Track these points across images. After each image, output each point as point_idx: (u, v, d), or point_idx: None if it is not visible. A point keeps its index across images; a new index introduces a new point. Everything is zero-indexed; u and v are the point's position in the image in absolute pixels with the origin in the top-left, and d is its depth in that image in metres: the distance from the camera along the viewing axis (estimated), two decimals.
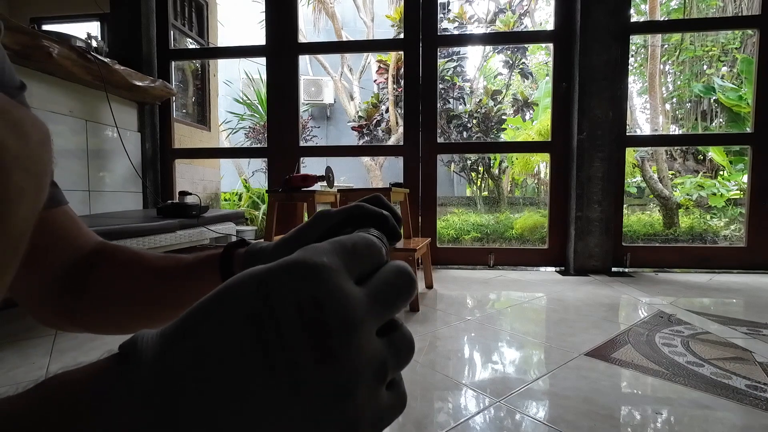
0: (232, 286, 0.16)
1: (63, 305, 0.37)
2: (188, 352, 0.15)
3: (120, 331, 0.40)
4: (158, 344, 0.16)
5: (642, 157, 4.38)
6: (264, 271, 0.16)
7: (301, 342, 0.15)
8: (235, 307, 0.15)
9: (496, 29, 6.38)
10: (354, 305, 0.16)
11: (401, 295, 0.18)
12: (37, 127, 0.24)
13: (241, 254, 0.35)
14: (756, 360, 1.15)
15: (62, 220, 0.37)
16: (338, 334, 0.15)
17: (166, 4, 2.82)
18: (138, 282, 0.37)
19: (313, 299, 0.15)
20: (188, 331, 0.16)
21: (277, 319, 0.15)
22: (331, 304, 0.15)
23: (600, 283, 2.18)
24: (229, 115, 6.63)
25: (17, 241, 0.23)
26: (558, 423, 0.83)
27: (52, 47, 1.76)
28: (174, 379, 0.15)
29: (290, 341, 0.15)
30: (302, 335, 0.15)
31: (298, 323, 0.15)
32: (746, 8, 5.78)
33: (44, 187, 0.25)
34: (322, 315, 0.15)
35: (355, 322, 0.16)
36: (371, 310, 0.17)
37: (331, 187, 2.14)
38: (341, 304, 0.16)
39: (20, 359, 1.16)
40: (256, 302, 0.15)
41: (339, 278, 0.16)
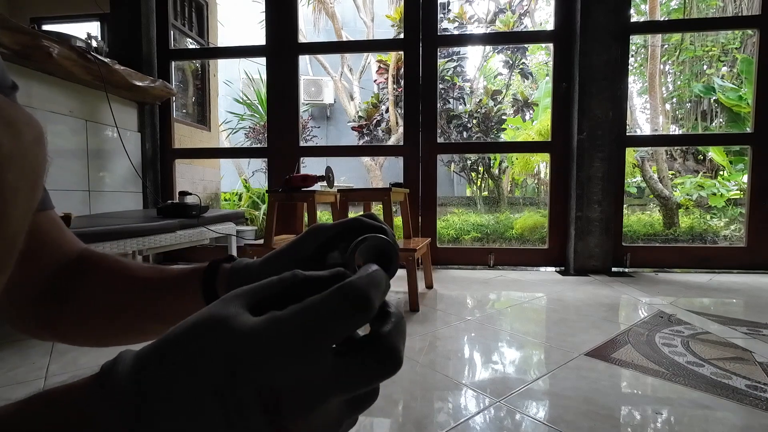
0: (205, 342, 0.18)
1: (44, 314, 0.36)
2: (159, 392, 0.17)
3: (101, 342, 0.39)
4: (133, 372, 0.18)
5: (642, 157, 4.38)
6: (236, 339, 0.17)
7: (257, 420, 0.17)
8: (204, 376, 0.17)
9: (496, 29, 6.38)
10: (311, 396, 0.17)
11: (372, 381, 0.18)
12: (31, 125, 0.24)
13: (226, 271, 0.33)
14: (756, 360, 1.15)
15: (46, 225, 0.36)
16: (290, 418, 0.17)
17: (166, 4, 2.82)
18: (121, 293, 0.36)
19: (270, 389, 0.17)
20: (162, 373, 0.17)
21: (239, 398, 0.17)
22: (288, 393, 0.17)
23: (600, 283, 2.18)
24: (229, 115, 6.63)
25: (12, 241, 0.23)
26: (558, 423, 0.83)
27: (52, 47, 1.76)
28: (142, 411, 0.17)
29: (248, 418, 0.17)
30: (259, 416, 0.17)
31: (257, 405, 0.17)
32: (746, 8, 5.78)
33: (38, 186, 0.25)
34: (276, 403, 0.17)
35: (310, 408, 0.17)
36: (333, 391, 0.17)
37: (331, 187, 2.14)
38: (298, 394, 0.17)
39: (20, 359, 1.16)
40: (223, 379, 0.17)
41: (304, 362, 0.17)
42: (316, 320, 0.17)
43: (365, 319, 0.18)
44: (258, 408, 0.17)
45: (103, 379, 0.18)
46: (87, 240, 1.32)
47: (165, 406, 0.17)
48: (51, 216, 0.36)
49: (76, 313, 0.36)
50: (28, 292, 0.35)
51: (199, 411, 0.17)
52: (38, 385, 1.01)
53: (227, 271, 0.33)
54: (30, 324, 0.36)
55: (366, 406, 0.20)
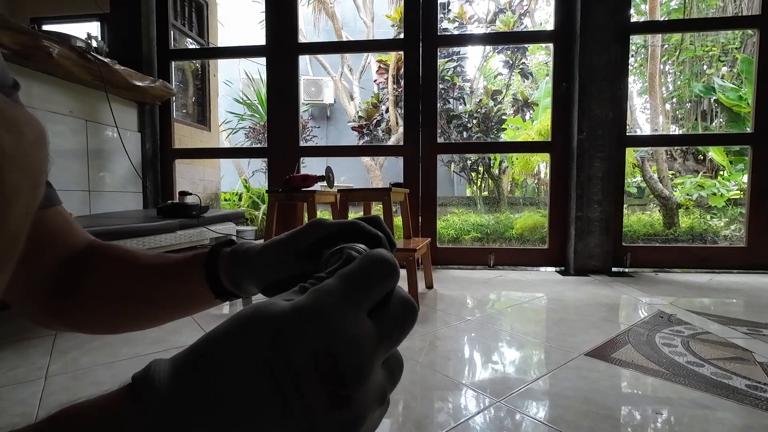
0: (247, 330, 0.17)
1: (55, 305, 0.37)
2: (205, 392, 0.16)
3: (112, 330, 0.40)
4: (172, 380, 0.16)
5: (642, 157, 4.38)
6: (278, 317, 0.17)
7: (317, 392, 0.15)
8: (251, 357, 0.16)
9: (496, 29, 6.38)
10: (365, 352, 0.17)
11: (406, 330, 0.19)
12: (32, 125, 0.24)
13: (227, 254, 0.34)
14: (756, 360, 1.15)
15: (56, 220, 0.37)
16: (352, 382, 0.16)
17: (166, 4, 2.82)
18: (128, 281, 0.37)
19: (327, 350, 0.16)
20: (204, 371, 0.16)
21: (295, 371, 0.15)
22: (344, 355, 0.16)
23: (600, 283, 2.18)
24: (229, 115, 6.63)
25: (13, 240, 0.23)
26: (558, 423, 0.83)
27: (52, 47, 1.76)
28: (189, 418, 0.15)
29: (307, 391, 0.15)
30: (318, 386, 0.15)
31: (314, 375, 0.15)
32: (746, 8, 5.78)
33: (40, 186, 0.25)
34: (336, 365, 0.16)
35: (367, 370, 0.17)
36: (380, 349, 0.18)
37: (331, 187, 2.14)
38: (354, 354, 0.16)
39: (20, 359, 1.16)
40: (273, 353, 0.16)
41: (351, 325, 0.17)
42: (355, 284, 0.18)
43: (395, 280, 0.19)
44: (316, 376, 0.16)
45: (138, 390, 0.17)
46: None
47: (211, 406, 0.16)
48: (60, 211, 0.38)
49: (87, 303, 0.37)
50: (40, 284, 0.36)
51: (249, 398, 0.15)
52: (38, 386, 1.01)
53: (228, 255, 0.34)
54: (43, 315, 0.38)
55: (399, 376, 0.21)
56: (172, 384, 0.16)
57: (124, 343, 1.27)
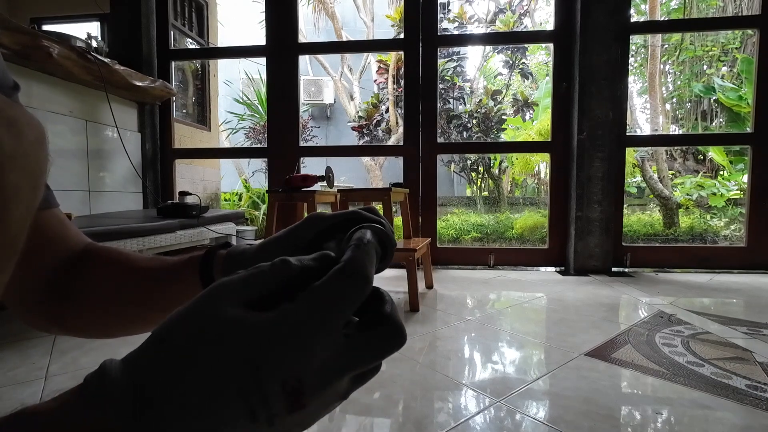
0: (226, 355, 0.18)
1: (51, 308, 0.37)
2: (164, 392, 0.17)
3: (107, 334, 0.39)
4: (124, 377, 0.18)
5: (642, 157, 4.38)
6: (252, 343, 0.18)
7: (280, 403, 0.18)
8: (226, 379, 0.17)
9: (496, 29, 6.38)
10: (329, 377, 0.18)
11: (384, 356, 0.20)
12: (32, 126, 0.24)
13: (222, 257, 0.34)
14: (756, 360, 1.15)
15: (52, 222, 0.37)
16: (310, 396, 0.18)
17: (166, 4, 2.82)
18: (124, 283, 0.37)
19: (295, 377, 0.18)
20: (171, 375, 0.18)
21: (264, 393, 0.17)
22: (308, 378, 0.18)
23: (600, 283, 2.18)
24: (229, 115, 6.63)
25: (13, 241, 0.23)
26: (558, 423, 0.83)
27: (52, 47, 1.76)
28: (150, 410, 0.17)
29: (272, 404, 0.18)
30: (283, 400, 0.18)
31: (282, 394, 0.18)
32: (746, 8, 5.78)
33: (40, 186, 0.25)
34: (300, 387, 0.18)
35: (327, 388, 0.19)
36: (347, 369, 0.19)
37: (331, 187, 2.14)
38: (318, 377, 0.18)
39: (20, 359, 1.16)
40: (246, 379, 0.17)
41: (319, 350, 0.18)
42: (326, 306, 0.19)
43: (366, 294, 0.19)
44: (283, 396, 0.18)
45: (92, 389, 0.18)
46: None
47: (176, 411, 0.17)
48: (56, 213, 0.37)
49: (82, 306, 0.37)
50: (36, 288, 0.35)
51: (221, 412, 0.17)
52: (38, 386, 1.01)
53: (223, 257, 0.34)
54: (39, 318, 0.37)
55: (368, 380, 0.22)
56: (129, 382, 0.18)
57: (123, 344, 1.27)
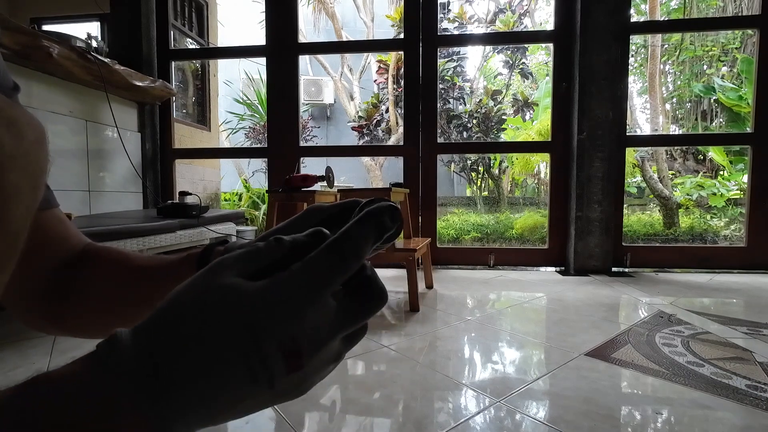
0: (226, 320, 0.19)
1: (51, 308, 0.36)
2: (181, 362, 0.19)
3: (106, 334, 0.39)
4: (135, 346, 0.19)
5: (642, 157, 4.38)
6: (249, 309, 0.19)
7: (279, 364, 0.19)
8: (227, 343, 0.19)
9: (496, 29, 6.38)
10: (322, 335, 0.20)
11: (370, 314, 0.22)
12: (32, 126, 0.24)
13: (221, 252, 0.34)
14: (756, 360, 1.15)
15: (53, 222, 0.37)
16: (307, 356, 0.20)
17: (166, 4, 2.82)
18: (123, 283, 0.37)
19: (291, 337, 0.19)
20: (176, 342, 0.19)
21: (264, 353, 0.19)
22: (303, 338, 0.20)
23: (600, 283, 2.18)
24: (229, 115, 6.63)
25: (14, 240, 0.23)
26: (558, 423, 0.83)
27: (52, 47, 1.76)
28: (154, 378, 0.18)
29: (271, 365, 0.19)
30: (280, 361, 0.19)
31: (278, 355, 0.19)
32: (746, 8, 5.78)
33: (40, 186, 0.25)
34: (296, 346, 0.19)
35: (321, 348, 0.20)
36: (340, 329, 0.21)
37: (331, 187, 2.14)
38: (312, 338, 0.20)
39: (20, 359, 1.16)
40: (247, 342, 0.19)
41: (312, 313, 0.20)
42: (318, 274, 0.20)
43: (355, 267, 0.21)
44: (281, 357, 0.19)
45: (103, 357, 0.19)
46: None
47: (184, 375, 0.18)
48: (56, 213, 0.37)
49: (82, 306, 0.37)
50: (35, 287, 0.35)
51: (225, 374, 0.19)
52: None
53: (221, 252, 0.34)
54: (38, 319, 0.37)
55: (358, 340, 0.24)
56: (140, 350, 0.19)
57: None
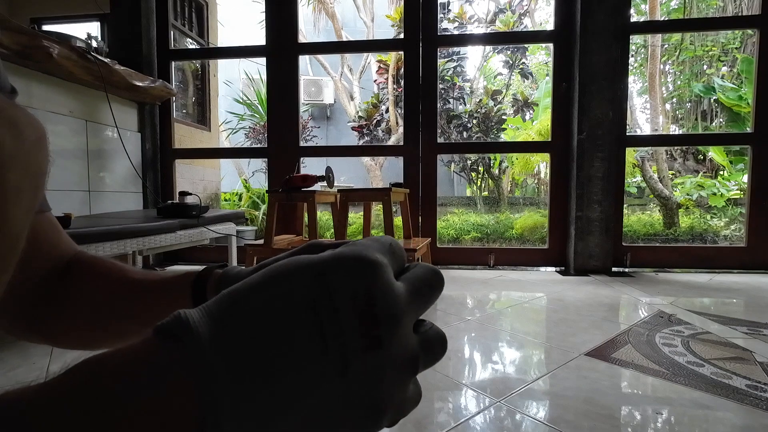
0: (289, 273, 0.18)
1: (36, 316, 0.35)
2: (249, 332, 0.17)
3: (92, 345, 0.38)
4: (210, 323, 0.17)
5: (642, 157, 4.38)
6: (319, 262, 0.18)
7: (353, 329, 0.17)
8: (296, 293, 0.17)
9: (496, 29, 6.38)
10: (399, 300, 0.18)
11: (435, 291, 0.21)
12: (32, 126, 0.24)
13: (217, 275, 0.33)
14: (756, 360, 1.15)
15: (44, 227, 0.35)
16: (385, 325, 0.18)
17: (166, 4, 2.82)
18: (112, 295, 0.35)
19: (366, 292, 0.17)
20: (245, 313, 0.17)
21: (335, 308, 0.17)
22: (381, 297, 0.18)
23: (600, 283, 2.18)
24: (229, 115, 6.63)
25: (14, 241, 0.23)
26: (558, 423, 0.83)
27: (53, 47, 1.76)
28: (235, 357, 0.16)
29: (345, 328, 0.17)
30: (355, 323, 0.17)
31: (353, 313, 0.17)
32: (746, 8, 5.78)
33: (40, 187, 0.25)
34: (373, 307, 0.17)
35: (399, 315, 0.18)
36: (412, 304, 0.19)
37: (331, 187, 2.14)
38: (390, 298, 0.18)
39: (20, 359, 1.16)
40: (316, 290, 0.17)
41: (387, 274, 0.19)
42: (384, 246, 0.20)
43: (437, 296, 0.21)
44: (354, 313, 0.17)
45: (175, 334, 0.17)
46: (87, 240, 1.32)
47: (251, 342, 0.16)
48: (48, 218, 0.36)
49: (69, 316, 0.35)
50: (22, 294, 0.34)
51: (293, 333, 0.17)
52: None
53: (218, 276, 0.33)
54: (21, 327, 0.36)
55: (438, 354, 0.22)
56: (211, 328, 0.17)
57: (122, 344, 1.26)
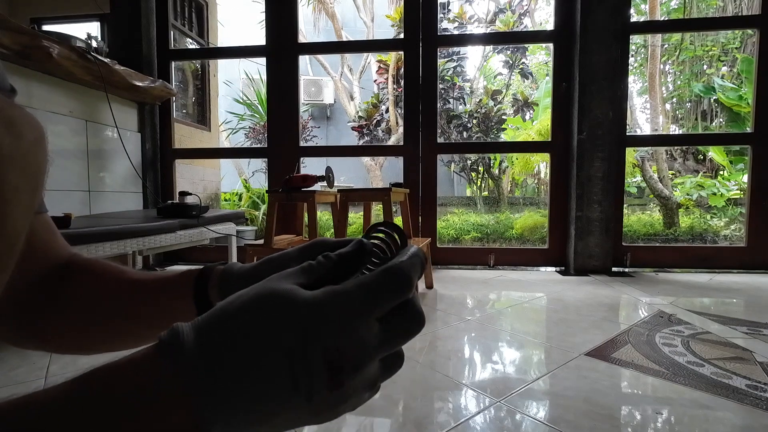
0: (273, 316, 0.20)
1: (30, 320, 0.34)
2: (230, 359, 0.19)
3: (89, 349, 0.37)
4: (197, 344, 0.20)
5: (642, 157, 4.38)
6: (303, 313, 0.20)
7: (320, 375, 0.20)
8: (276, 340, 0.20)
9: (496, 29, 6.38)
10: (366, 352, 0.21)
11: (408, 338, 0.23)
12: (31, 126, 0.24)
13: (219, 271, 0.33)
14: (756, 360, 1.15)
15: (41, 229, 0.35)
16: (348, 373, 0.20)
17: (166, 4, 2.82)
18: (111, 296, 0.35)
19: (335, 347, 0.20)
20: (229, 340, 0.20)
21: (309, 358, 0.20)
22: (347, 351, 0.20)
23: (600, 283, 2.18)
24: (229, 115, 6.63)
25: (13, 241, 0.23)
26: (558, 423, 0.83)
27: (53, 47, 1.76)
28: (214, 379, 0.19)
29: (314, 373, 0.20)
30: (323, 371, 0.20)
31: (322, 363, 0.20)
32: (746, 8, 5.78)
33: (40, 187, 0.25)
34: (340, 359, 0.20)
35: (363, 366, 0.21)
36: (381, 350, 0.22)
37: (331, 187, 2.14)
38: (356, 352, 0.20)
39: (20, 359, 1.16)
40: (294, 342, 0.20)
41: (359, 328, 0.21)
42: (373, 293, 0.21)
43: (408, 295, 0.22)
44: (323, 366, 0.20)
45: (167, 351, 0.19)
46: (87, 240, 1.32)
47: (234, 371, 0.19)
48: (45, 219, 0.36)
49: (65, 318, 0.34)
50: (16, 297, 0.33)
51: (270, 372, 0.19)
52: (38, 385, 1.01)
53: (219, 274, 0.33)
54: (12, 331, 0.35)
55: (395, 370, 0.24)
56: (198, 348, 0.19)
57: None
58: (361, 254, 0.25)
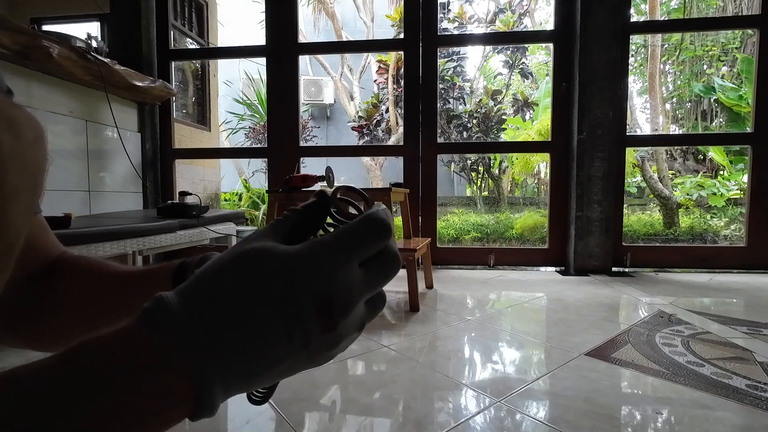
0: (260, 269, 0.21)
1: (17, 317, 0.35)
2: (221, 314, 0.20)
3: None
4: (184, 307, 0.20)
5: (642, 157, 4.37)
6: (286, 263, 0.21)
7: (313, 320, 0.21)
8: (266, 292, 0.20)
9: (496, 29, 6.38)
10: (352, 294, 0.22)
11: (388, 278, 0.24)
12: (31, 125, 0.24)
13: (197, 261, 0.33)
14: (756, 360, 1.15)
15: (35, 229, 0.35)
16: (339, 315, 0.21)
17: (166, 4, 2.82)
18: (95, 290, 0.35)
19: (323, 291, 0.21)
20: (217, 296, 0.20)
21: (300, 305, 0.20)
22: (335, 295, 0.21)
23: (600, 283, 2.18)
24: (229, 115, 6.63)
25: (13, 240, 0.23)
26: (558, 423, 0.83)
27: (53, 47, 1.76)
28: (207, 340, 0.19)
29: (306, 320, 0.21)
30: (315, 315, 0.21)
31: (313, 308, 0.21)
32: (746, 8, 5.78)
33: (39, 186, 0.25)
34: (330, 302, 0.21)
35: (351, 307, 0.22)
36: (365, 292, 0.23)
37: (331, 187, 2.14)
38: (343, 295, 0.21)
39: (20, 359, 1.16)
40: (283, 291, 0.20)
41: (342, 272, 0.21)
42: (354, 241, 0.22)
43: (387, 240, 0.23)
44: (314, 311, 0.21)
45: (152, 314, 0.19)
46: (87, 240, 1.32)
47: (227, 327, 0.19)
48: (39, 219, 0.36)
49: (53, 314, 0.35)
50: (9, 295, 0.33)
51: (263, 322, 0.20)
52: None
53: (198, 261, 0.33)
54: (2, 329, 0.35)
55: (379, 310, 0.25)
56: (184, 312, 0.19)
57: None
58: (325, 203, 0.25)
